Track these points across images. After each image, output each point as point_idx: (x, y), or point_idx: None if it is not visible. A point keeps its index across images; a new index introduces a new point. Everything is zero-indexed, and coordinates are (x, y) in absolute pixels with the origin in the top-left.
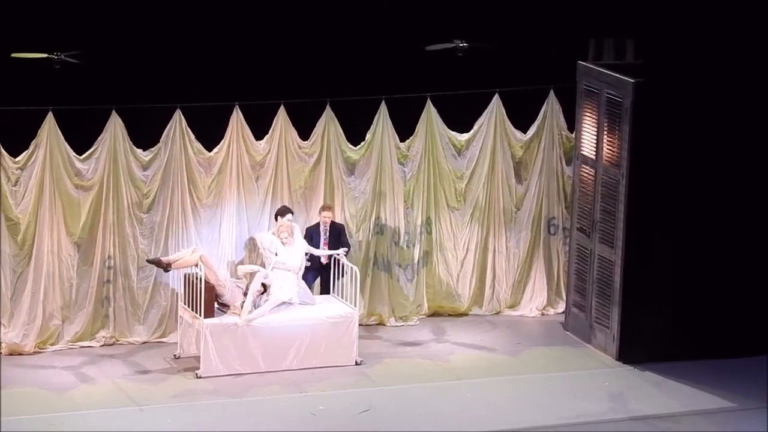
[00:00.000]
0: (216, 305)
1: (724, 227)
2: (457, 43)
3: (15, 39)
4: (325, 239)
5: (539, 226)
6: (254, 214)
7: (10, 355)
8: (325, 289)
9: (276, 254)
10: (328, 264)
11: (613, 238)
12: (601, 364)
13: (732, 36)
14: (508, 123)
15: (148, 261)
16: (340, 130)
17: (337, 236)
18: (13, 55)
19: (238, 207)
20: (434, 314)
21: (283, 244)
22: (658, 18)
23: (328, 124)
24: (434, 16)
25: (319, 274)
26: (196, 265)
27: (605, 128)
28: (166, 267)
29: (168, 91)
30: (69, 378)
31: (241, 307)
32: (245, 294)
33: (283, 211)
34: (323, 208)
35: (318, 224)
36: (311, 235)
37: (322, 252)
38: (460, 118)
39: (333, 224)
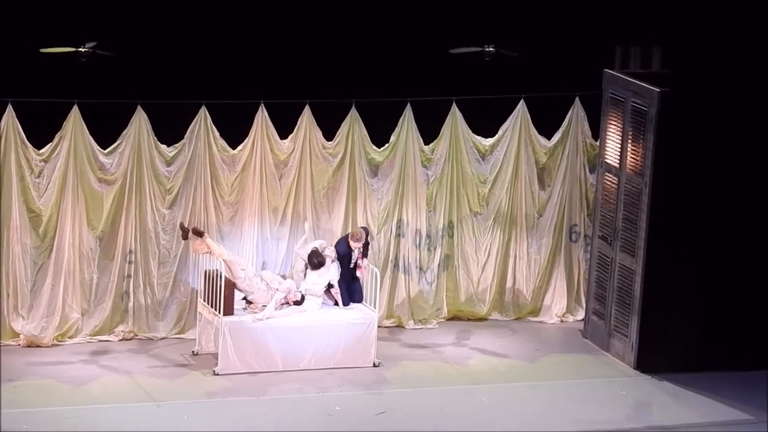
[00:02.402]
0: (246, 304)
1: (745, 237)
2: (485, 48)
3: (41, 31)
4: (358, 256)
5: (561, 233)
6: (276, 212)
7: (29, 346)
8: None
9: (304, 276)
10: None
11: (635, 246)
12: (619, 372)
13: (760, 45)
14: (532, 129)
15: (180, 225)
16: (365, 131)
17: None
18: (42, 50)
19: (261, 205)
20: (454, 318)
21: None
22: (684, 26)
23: (352, 125)
24: (462, 20)
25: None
26: (210, 253)
27: (629, 137)
28: (186, 234)
29: (193, 88)
30: (86, 372)
31: (263, 308)
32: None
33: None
34: (354, 238)
35: (345, 245)
36: (340, 253)
37: (335, 294)
38: (485, 123)
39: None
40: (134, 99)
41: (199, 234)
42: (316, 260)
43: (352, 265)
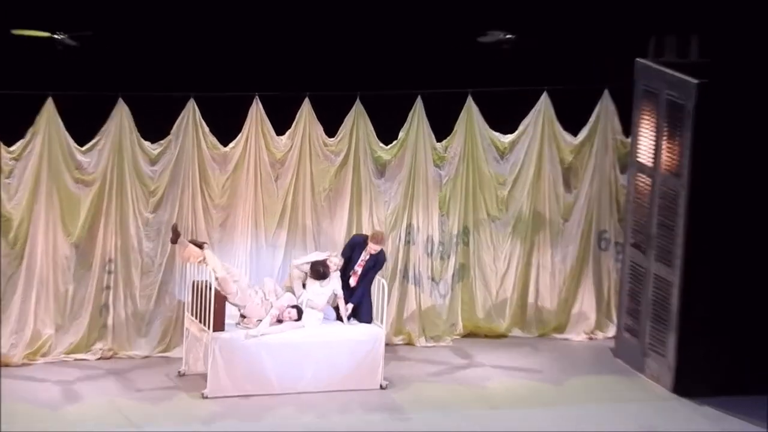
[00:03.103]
0: (239, 319)
1: None
2: (503, 36)
3: (16, 16)
4: (363, 260)
5: (589, 240)
6: (272, 217)
7: None
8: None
9: (304, 287)
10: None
11: (671, 255)
12: (654, 396)
13: None
14: (557, 125)
15: (174, 226)
16: (371, 127)
17: (370, 268)
18: (14, 31)
19: (255, 209)
20: (470, 335)
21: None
22: (725, 12)
23: (357, 120)
24: (478, 5)
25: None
26: (199, 262)
27: (665, 133)
28: (176, 237)
29: (181, 79)
30: (61, 394)
31: (257, 323)
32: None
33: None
34: (375, 240)
35: (366, 238)
36: (353, 247)
37: (341, 305)
38: (504, 118)
39: (378, 254)
40: (115, 90)
41: (199, 246)
42: (321, 269)
43: (350, 273)
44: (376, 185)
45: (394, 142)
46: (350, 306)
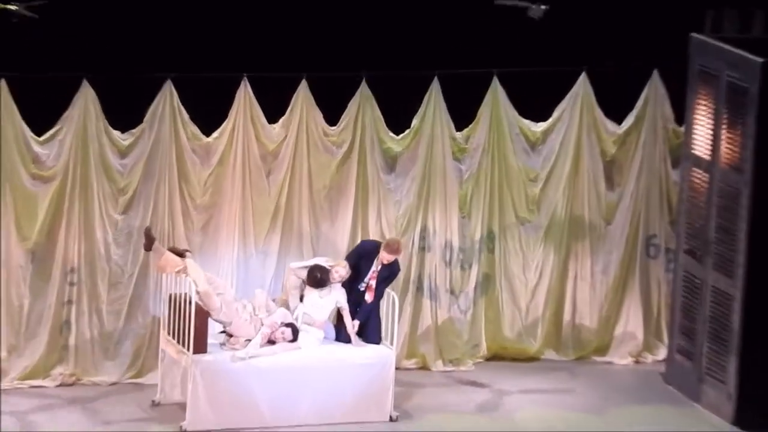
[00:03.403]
0: (224, 339)
1: None
2: (533, 5)
3: None
4: (375, 271)
5: (635, 247)
6: (263, 219)
7: None
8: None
9: (301, 300)
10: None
11: (732, 264)
12: (712, 428)
13: None
14: (597, 111)
15: (146, 229)
16: (379, 113)
17: (382, 280)
18: None
19: (243, 210)
20: (495, 357)
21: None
22: None
23: (362, 106)
24: None
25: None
26: (178, 272)
27: (724, 121)
28: (150, 243)
29: (156, 58)
30: (14, 427)
31: (245, 344)
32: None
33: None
34: (390, 249)
35: (378, 246)
36: (360, 256)
37: (347, 321)
38: (536, 103)
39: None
40: (79, 72)
41: (180, 254)
42: (319, 275)
43: (363, 287)
44: (385, 182)
45: (407, 132)
46: (356, 323)
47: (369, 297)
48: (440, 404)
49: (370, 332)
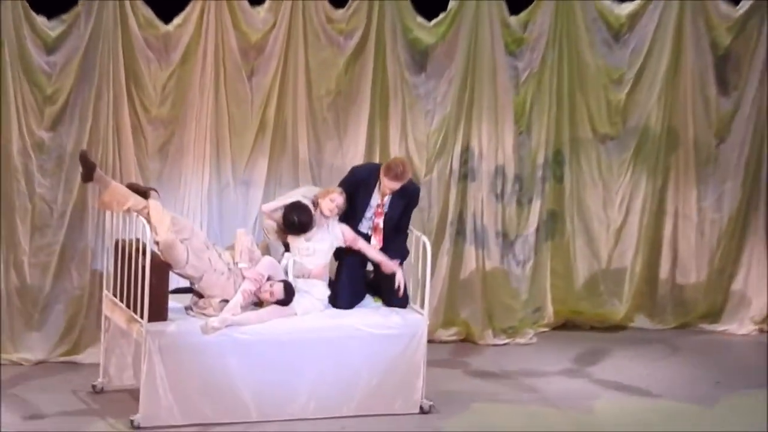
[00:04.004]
0: (192, 301)
1: None
2: None
3: None
4: (378, 205)
5: (758, 174)
6: (244, 137)
7: None
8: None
9: (286, 248)
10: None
11: None
12: None
13: None
14: None
15: (82, 153)
16: None
17: (398, 214)
18: None
19: (216, 125)
20: (565, 325)
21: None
22: None
23: None
24: None
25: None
26: (127, 210)
27: None
28: (90, 171)
29: None
30: None
31: (221, 307)
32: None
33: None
34: (391, 173)
35: (376, 169)
36: (356, 185)
37: (371, 251)
38: None
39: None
40: None
41: (143, 194)
42: (295, 217)
43: (367, 229)
44: (412, 85)
45: (442, 15)
46: (395, 262)
47: (375, 241)
48: (489, 390)
49: (390, 291)
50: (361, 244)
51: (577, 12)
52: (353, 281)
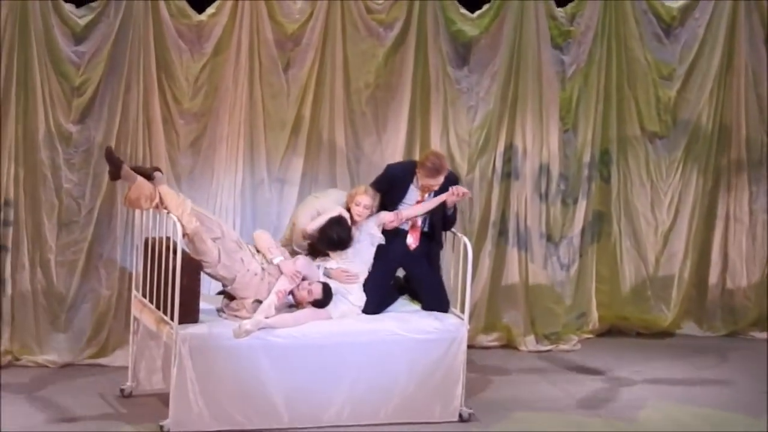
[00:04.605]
0: (223, 303)
1: None
2: None
3: None
4: (416, 203)
5: None
6: (279, 132)
7: None
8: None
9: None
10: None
11: None
12: None
13: None
14: None
15: (108, 150)
16: None
17: (440, 214)
18: None
19: (251, 119)
20: (610, 332)
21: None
22: None
23: None
24: None
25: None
26: (156, 207)
27: None
28: (117, 170)
29: None
30: None
31: (254, 309)
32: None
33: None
34: (429, 170)
35: (412, 167)
36: (391, 182)
37: (414, 210)
38: None
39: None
40: None
41: (147, 175)
42: (335, 235)
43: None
44: (454, 79)
45: (486, 7)
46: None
47: (412, 241)
48: (531, 398)
49: (432, 294)
50: (403, 214)
51: (627, 4)
52: (380, 287)
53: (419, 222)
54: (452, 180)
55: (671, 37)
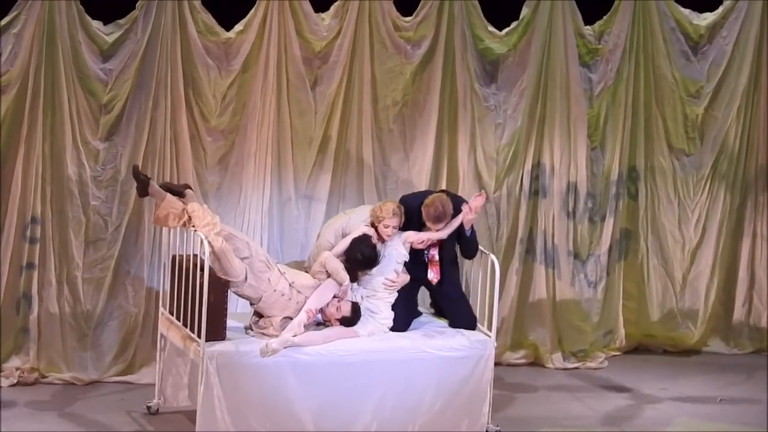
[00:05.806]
0: (252, 320)
1: None
2: None
3: None
4: (432, 245)
5: None
6: (307, 149)
7: None
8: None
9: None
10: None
11: None
12: None
13: None
14: None
15: (134, 168)
16: None
17: (457, 240)
18: None
19: (278, 135)
20: (638, 349)
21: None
22: None
23: None
24: None
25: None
26: (184, 225)
27: None
28: (145, 186)
29: None
30: None
31: (282, 326)
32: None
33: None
34: (431, 215)
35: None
36: (407, 216)
37: (441, 233)
38: None
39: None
40: None
41: (178, 193)
42: (359, 255)
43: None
44: (481, 97)
45: (514, 25)
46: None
47: (434, 276)
48: (558, 414)
49: (459, 311)
50: (427, 236)
51: (655, 22)
52: (407, 305)
53: (436, 257)
54: (460, 203)
55: (699, 55)
